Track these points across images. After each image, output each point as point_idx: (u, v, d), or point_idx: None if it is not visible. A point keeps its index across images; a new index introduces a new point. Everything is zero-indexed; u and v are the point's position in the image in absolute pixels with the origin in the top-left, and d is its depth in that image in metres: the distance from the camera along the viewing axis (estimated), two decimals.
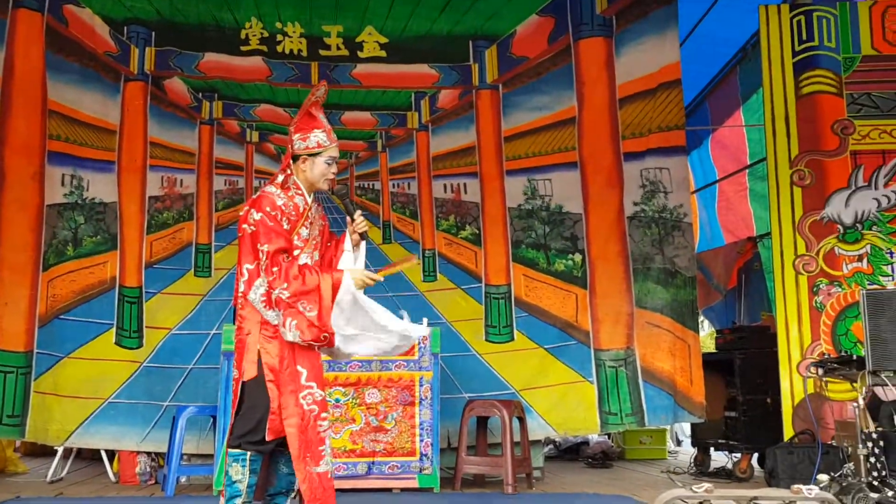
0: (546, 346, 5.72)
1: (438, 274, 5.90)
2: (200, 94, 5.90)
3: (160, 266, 5.61)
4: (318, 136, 3.04)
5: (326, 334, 2.88)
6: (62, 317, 5.33)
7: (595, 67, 5.92)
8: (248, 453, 2.87)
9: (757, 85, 6.15)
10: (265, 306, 2.93)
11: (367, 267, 3.11)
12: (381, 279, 2.99)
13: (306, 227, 3.03)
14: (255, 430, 2.87)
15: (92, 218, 5.54)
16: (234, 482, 2.85)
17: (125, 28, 5.75)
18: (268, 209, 2.93)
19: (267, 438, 2.86)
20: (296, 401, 2.88)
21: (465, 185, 6.00)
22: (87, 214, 5.53)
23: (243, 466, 2.87)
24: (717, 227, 7.51)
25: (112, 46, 5.71)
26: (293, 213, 2.99)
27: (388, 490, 4.57)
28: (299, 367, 2.91)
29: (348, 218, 3.09)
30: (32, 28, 5.47)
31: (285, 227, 2.95)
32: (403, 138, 6.08)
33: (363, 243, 3.10)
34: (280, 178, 3.06)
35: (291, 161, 3.08)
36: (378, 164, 6.08)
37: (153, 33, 5.81)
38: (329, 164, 3.05)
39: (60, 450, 5.26)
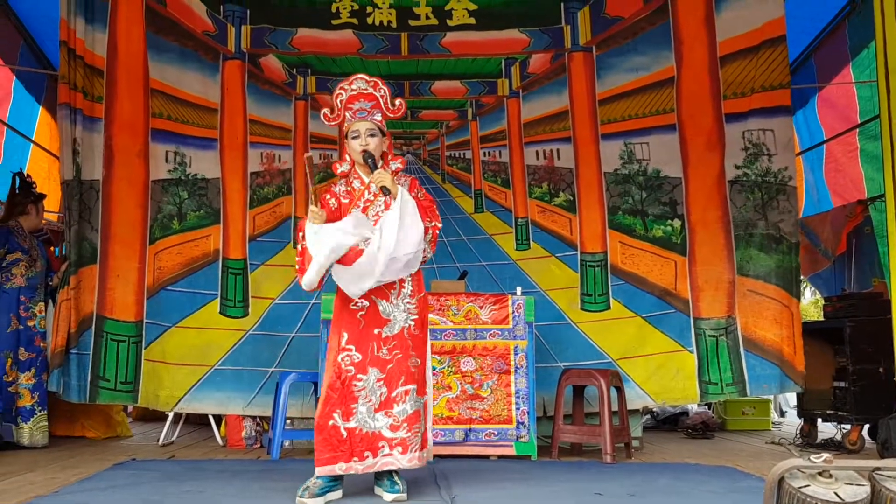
0: (643, 315, 5.62)
1: (532, 242, 5.86)
2: (294, 70, 6.00)
3: (263, 239, 5.77)
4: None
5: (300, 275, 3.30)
6: (168, 288, 5.54)
7: (694, 25, 5.71)
8: None
9: (868, 39, 5.79)
10: None
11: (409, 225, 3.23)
12: (314, 206, 3.23)
13: (358, 207, 3.37)
14: None
15: (195, 193, 5.72)
16: None
17: (221, 7, 5.87)
18: (326, 194, 3.45)
19: None
20: (334, 360, 3.29)
21: (558, 150, 5.91)
22: (190, 190, 5.71)
23: None
24: (825, 189, 7.15)
25: (209, 26, 5.85)
26: (345, 196, 3.42)
27: (486, 457, 4.59)
28: (343, 331, 3.31)
29: None
30: (133, 9, 5.63)
31: (332, 205, 3.39)
32: (494, 106, 6.03)
33: (395, 199, 3.18)
34: (346, 165, 3.47)
35: None
36: (469, 132, 6.06)
37: (248, 11, 5.92)
38: (355, 137, 3.37)
39: (171, 415, 5.50)
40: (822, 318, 5.98)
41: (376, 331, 3.32)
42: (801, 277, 6.43)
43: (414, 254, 3.18)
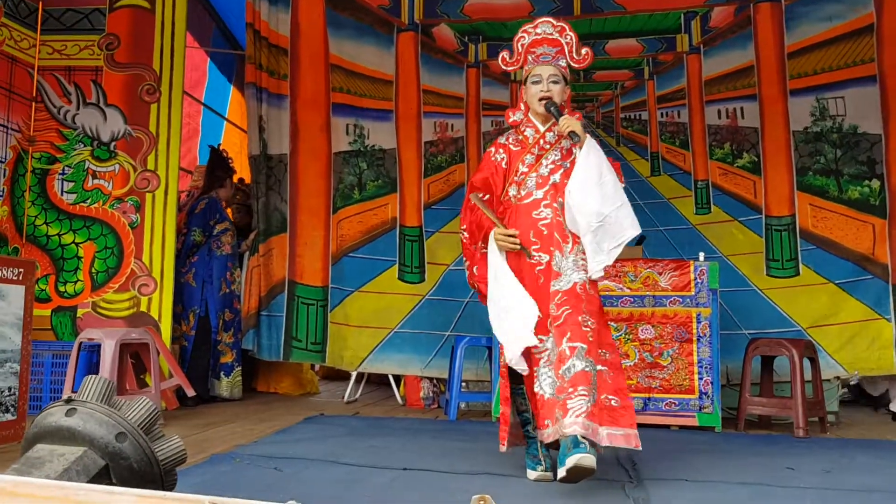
0: (837, 282, 5.25)
1: (713, 206, 5.60)
2: (466, 38, 6.02)
3: (437, 207, 5.88)
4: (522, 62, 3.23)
5: (475, 282, 3.19)
6: (350, 255, 5.79)
7: None
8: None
9: None
10: None
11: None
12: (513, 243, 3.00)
13: (532, 154, 3.12)
14: None
15: (373, 164, 5.92)
16: None
17: None
18: (491, 147, 3.20)
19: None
20: None
21: (741, 109, 5.59)
22: (368, 160, 5.92)
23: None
24: None
25: None
26: (515, 144, 3.17)
27: (666, 427, 4.48)
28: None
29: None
30: None
31: (500, 157, 3.15)
32: (672, 63, 5.78)
33: (585, 145, 2.96)
34: (518, 114, 3.23)
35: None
36: (645, 92, 5.85)
37: None
38: (536, 82, 3.13)
39: (354, 374, 5.79)
40: None
41: (550, 286, 2.97)
42: None
43: (615, 208, 2.91)
